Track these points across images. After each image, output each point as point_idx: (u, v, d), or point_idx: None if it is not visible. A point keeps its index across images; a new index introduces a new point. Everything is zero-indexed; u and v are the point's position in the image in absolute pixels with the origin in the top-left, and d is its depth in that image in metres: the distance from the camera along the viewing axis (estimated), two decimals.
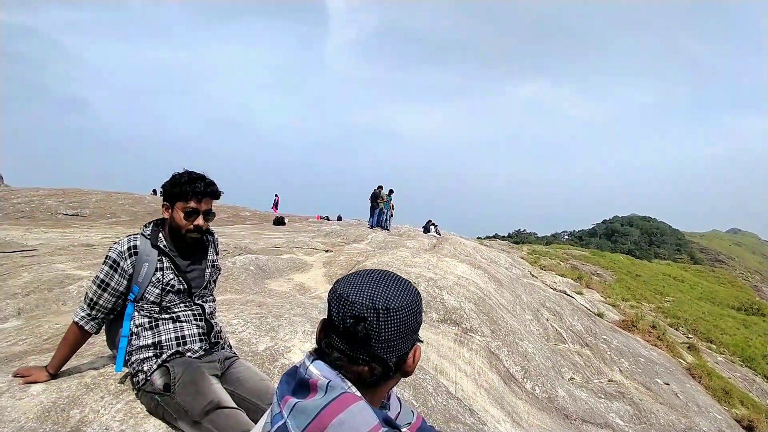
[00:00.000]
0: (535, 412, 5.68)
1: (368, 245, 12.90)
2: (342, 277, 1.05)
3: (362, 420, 0.90)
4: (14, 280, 4.63)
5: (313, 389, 0.96)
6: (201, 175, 2.26)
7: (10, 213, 14.92)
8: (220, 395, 2.02)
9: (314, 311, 4.57)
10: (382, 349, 0.97)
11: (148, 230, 2.28)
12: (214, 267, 2.43)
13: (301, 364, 1.04)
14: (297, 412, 0.93)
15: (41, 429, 1.94)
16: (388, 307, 0.96)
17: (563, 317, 10.69)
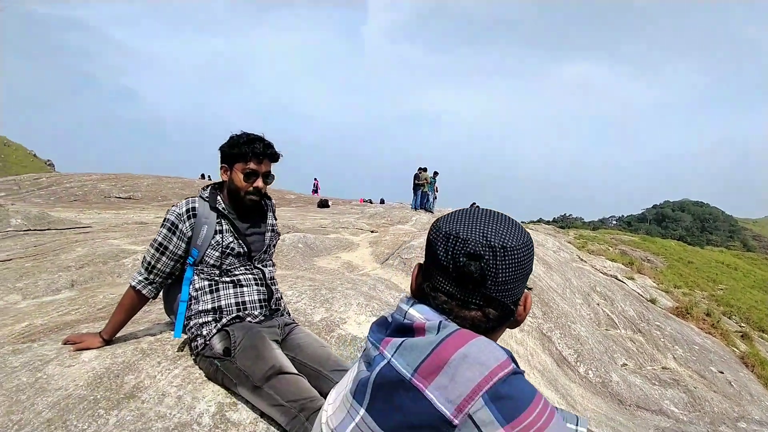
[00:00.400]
0: (590, 396, 5.53)
1: (413, 227, 12.80)
2: (443, 216, 0.94)
3: (490, 354, 0.80)
4: (67, 255, 4.75)
5: (419, 332, 0.87)
6: (260, 136, 2.20)
7: (62, 197, 15.48)
8: (281, 361, 1.97)
9: (364, 287, 4.53)
10: (497, 292, 0.87)
11: (206, 193, 2.24)
12: (274, 231, 2.39)
13: (395, 310, 0.95)
14: (405, 349, 0.84)
15: (91, 396, 1.91)
16: (505, 245, 0.85)
17: (615, 302, 10.37)
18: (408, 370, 0.82)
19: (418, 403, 0.79)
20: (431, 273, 0.92)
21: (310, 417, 1.80)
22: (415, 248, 7.80)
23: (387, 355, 0.86)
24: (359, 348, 2.87)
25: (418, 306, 0.91)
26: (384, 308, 3.60)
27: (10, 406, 1.79)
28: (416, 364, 0.81)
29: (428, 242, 0.93)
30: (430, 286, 0.92)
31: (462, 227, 0.88)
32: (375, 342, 0.92)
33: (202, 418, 1.91)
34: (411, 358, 0.82)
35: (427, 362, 0.80)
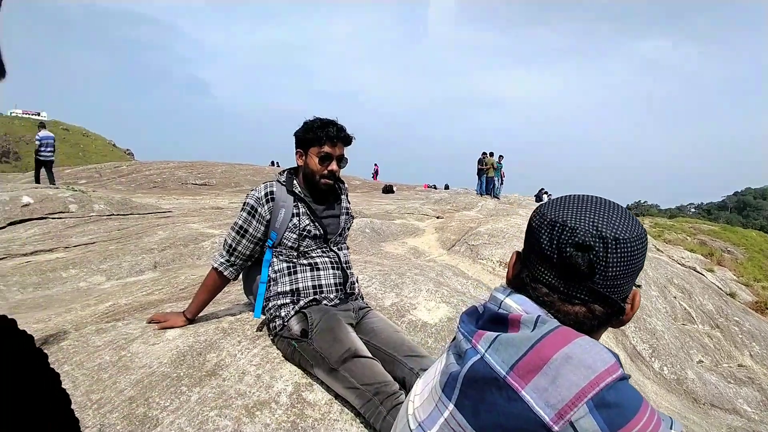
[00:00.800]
0: (664, 393, 5.28)
1: (479, 212, 12.60)
2: (548, 201, 0.86)
3: (597, 356, 0.72)
4: (150, 238, 4.98)
5: (514, 325, 0.79)
6: (332, 120, 2.22)
7: (143, 183, 16.34)
8: (356, 344, 1.97)
9: (432, 273, 4.49)
10: (606, 287, 0.78)
11: (283, 177, 2.29)
12: (348, 214, 2.40)
13: (488, 299, 0.89)
14: (501, 345, 0.77)
15: (174, 373, 1.96)
16: (617, 236, 0.77)
17: (693, 295, 9.80)
18: (503, 368, 0.75)
19: (512, 403, 0.72)
20: (532, 262, 0.84)
21: (384, 401, 1.79)
22: (482, 234, 7.67)
23: (480, 349, 0.79)
24: (429, 334, 2.83)
25: (516, 296, 0.84)
26: (453, 295, 3.54)
27: (90, 386, 1.85)
28: (512, 362, 0.74)
29: (530, 229, 0.86)
30: (529, 276, 0.84)
31: (570, 215, 0.80)
32: (467, 334, 0.85)
33: (279, 397, 1.93)
34: (507, 355, 0.75)
35: (524, 360, 0.73)
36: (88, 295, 3.16)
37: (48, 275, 3.65)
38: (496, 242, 7.22)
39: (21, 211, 5.75)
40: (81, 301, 2.91)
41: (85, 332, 2.26)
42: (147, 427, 1.68)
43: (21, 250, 4.30)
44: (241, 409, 1.82)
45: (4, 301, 3.06)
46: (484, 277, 6.02)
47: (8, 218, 5.56)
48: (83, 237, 5.06)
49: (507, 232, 8.01)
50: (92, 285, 3.57)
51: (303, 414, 1.89)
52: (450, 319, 3.05)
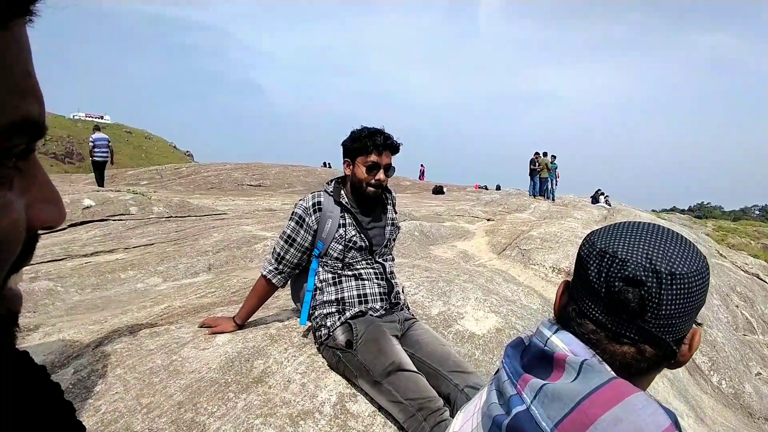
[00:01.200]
0: (720, 409, 5.02)
1: (531, 215, 12.33)
2: (599, 229, 0.80)
3: (649, 420, 0.64)
4: (205, 240, 5.12)
5: (559, 367, 0.74)
6: (379, 129, 2.22)
7: (201, 185, 16.90)
8: (401, 357, 1.95)
9: (481, 279, 4.40)
10: (658, 326, 0.72)
11: (330, 187, 2.30)
12: (394, 225, 2.38)
13: (535, 333, 0.84)
14: (546, 397, 0.71)
15: (222, 379, 1.99)
16: (673, 271, 0.70)
17: (755, 304, 9.25)
18: (548, 424, 0.68)
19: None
20: (580, 295, 0.78)
21: (428, 417, 1.77)
22: (534, 239, 7.49)
23: (526, 399, 0.73)
24: (476, 345, 2.77)
25: (563, 334, 0.78)
26: (503, 304, 3.46)
27: (141, 389, 1.91)
28: (558, 419, 0.68)
29: (579, 259, 0.79)
30: (576, 310, 0.78)
31: (621, 245, 0.74)
32: (512, 375, 0.78)
33: (323, 407, 1.93)
34: (553, 410, 0.69)
35: (570, 418, 0.67)
36: (144, 296, 3.28)
37: (107, 276, 3.81)
38: (549, 247, 7.03)
39: (82, 213, 6.04)
40: (137, 302, 3.02)
41: (139, 335, 2.34)
42: None
43: (81, 251, 4.50)
44: (285, 418, 1.83)
45: (61, 303, 3.21)
46: (536, 283, 5.87)
47: (68, 220, 5.84)
48: (142, 238, 5.26)
49: (561, 236, 7.78)
50: (149, 286, 3.70)
51: (346, 425, 1.89)
52: (498, 330, 2.98)
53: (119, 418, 1.75)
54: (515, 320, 3.20)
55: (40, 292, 3.27)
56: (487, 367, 2.59)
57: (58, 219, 0.41)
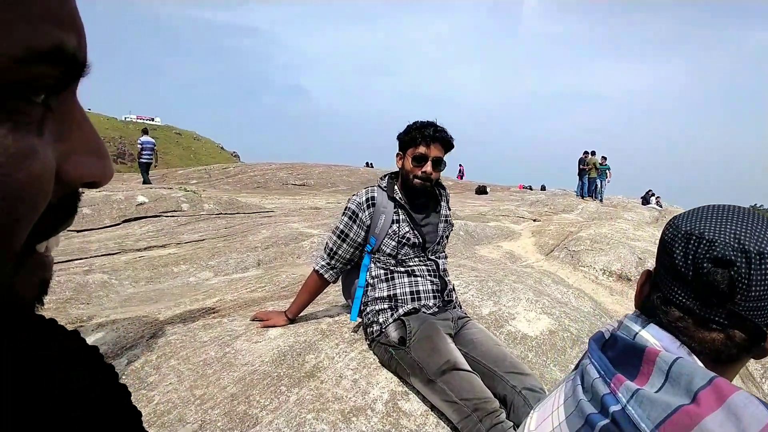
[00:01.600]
0: None
1: (579, 216, 12.01)
2: (683, 213, 0.76)
3: (752, 417, 0.59)
4: (254, 236, 5.20)
5: (648, 363, 0.69)
6: (431, 122, 2.17)
7: (248, 184, 17.25)
8: (456, 356, 1.89)
9: (530, 280, 4.28)
10: (748, 309, 0.67)
11: (384, 182, 2.27)
12: (447, 222, 2.33)
13: (619, 327, 0.78)
14: (643, 400, 0.66)
15: (275, 372, 1.98)
16: (762, 250, 0.66)
17: None
18: (648, 425, 0.64)
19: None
20: (664, 281, 0.74)
21: (484, 419, 1.70)
22: (583, 240, 7.26)
23: (621, 398, 0.69)
24: (529, 347, 2.68)
25: (652, 328, 0.74)
26: (555, 306, 3.35)
27: (195, 381, 1.92)
28: (659, 420, 0.63)
29: (662, 243, 0.75)
30: (661, 297, 0.74)
31: (708, 226, 0.70)
32: (604, 372, 0.74)
33: (375, 404, 1.90)
34: (652, 412, 0.65)
35: (672, 420, 0.62)
36: (196, 290, 3.33)
37: (160, 270, 3.90)
38: (600, 248, 6.80)
39: (136, 209, 6.24)
40: (190, 295, 3.07)
41: (192, 327, 2.37)
42: (246, 426, 1.70)
43: (134, 246, 4.64)
44: (337, 414, 1.81)
45: (116, 295, 3.30)
46: (586, 286, 5.69)
47: (123, 216, 6.05)
48: (194, 234, 5.38)
49: (612, 237, 7.52)
50: (201, 280, 3.76)
51: (398, 424, 1.84)
52: (552, 332, 2.88)
53: (172, 409, 1.76)
54: (568, 322, 3.09)
55: (94, 285, 3.37)
56: (541, 369, 2.50)
57: (102, 175, 0.34)
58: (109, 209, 6.19)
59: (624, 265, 6.20)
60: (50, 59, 0.29)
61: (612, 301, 5.35)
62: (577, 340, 2.87)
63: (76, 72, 0.32)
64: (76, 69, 0.31)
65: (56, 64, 0.29)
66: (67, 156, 0.32)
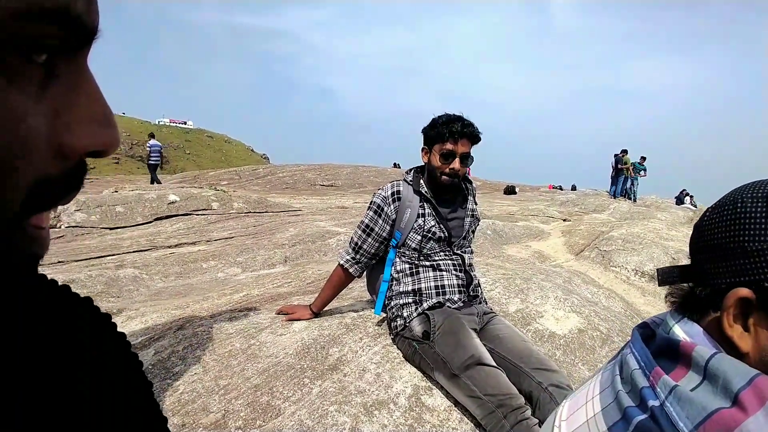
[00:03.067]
0: None
1: (611, 216, 11.76)
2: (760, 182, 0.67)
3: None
4: (281, 234, 5.25)
5: (684, 360, 0.65)
6: (459, 116, 2.12)
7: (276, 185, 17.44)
8: (481, 351, 1.86)
9: (559, 279, 4.20)
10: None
11: (409, 177, 2.25)
12: (474, 216, 2.29)
13: (660, 321, 0.75)
14: (681, 399, 0.62)
15: (298, 364, 1.99)
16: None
17: None
18: (687, 425, 0.60)
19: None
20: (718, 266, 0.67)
21: (508, 415, 1.67)
22: (615, 239, 7.10)
23: (660, 394, 0.64)
24: (557, 346, 2.63)
25: (686, 324, 0.69)
26: (585, 305, 3.28)
27: (220, 371, 1.93)
28: (698, 420, 0.59)
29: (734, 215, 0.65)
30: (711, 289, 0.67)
31: None
32: (645, 364, 0.69)
33: (398, 399, 1.88)
34: (692, 411, 0.60)
35: (711, 421, 0.58)
36: (224, 285, 3.37)
37: (189, 265, 3.97)
38: (632, 248, 6.64)
39: (168, 207, 6.37)
40: (218, 290, 3.11)
41: (219, 319, 2.39)
42: (269, 416, 1.71)
43: (165, 243, 4.74)
44: (359, 407, 1.80)
45: (146, 289, 3.36)
46: (617, 286, 5.56)
47: (154, 214, 6.19)
48: (223, 232, 5.47)
49: (645, 237, 7.34)
50: (229, 276, 3.81)
51: (421, 418, 1.83)
52: (581, 330, 2.81)
53: (197, 399, 1.78)
54: (598, 321, 3.02)
55: (125, 279, 3.45)
56: (569, 368, 2.44)
57: (107, 143, 0.33)
58: (141, 207, 6.34)
59: (657, 266, 6.02)
60: (54, 19, 0.28)
61: (644, 302, 5.22)
62: (606, 340, 2.80)
63: (84, 36, 0.31)
64: (83, 33, 0.30)
65: (60, 25, 0.28)
66: (70, 126, 0.31)
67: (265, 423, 1.69)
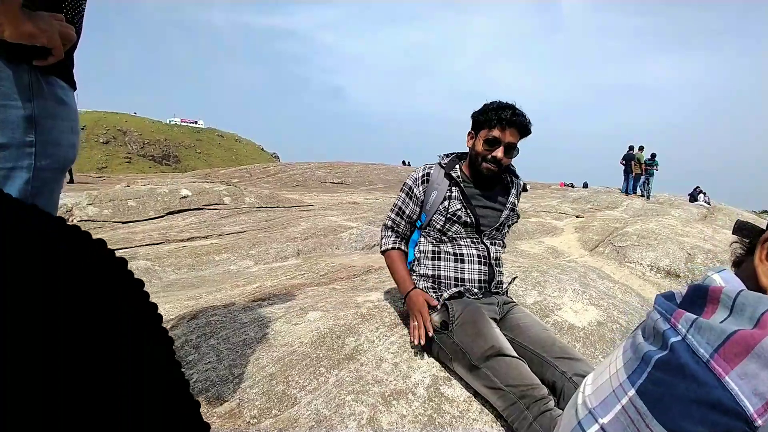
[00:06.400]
0: None
1: (624, 212, 11.65)
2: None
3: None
4: (294, 228, 5.23)
5: (714, 299, 0.65)
6: (510, 104, 2.03)
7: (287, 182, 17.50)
8: (501, 341, 1.80)
9: (574, 274, 4.13)
10: None
11: (445, 160, 2.20)
12: (513, 211, 2.21)
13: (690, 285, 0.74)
14: (702, 328, 0.63)
15: (314, 354, 1.95)
16: None
17: None
18: (707, 350, 0.60)
19: (711, 391, 0.59)
20: None
21: (531, 406, 1.60)
22: (629, 235, 7.01)
23: (681, 329, 0.65)
24: (577, 338, 2.57)
25: (725, 273, 0.69)
26: (603, 297, 3.21)
27: (234, 360, 1.90)
28: (717, 344, 0.60)
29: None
30: None
31: None
32: (665, 311, 0.70)
33: (417, 389, 1.84)
34: (711, 336, 0.61)
35: (731, 341, 0.59)
36: (237, 277, 3.35)
37: (202, 258, 3.95)
38: (647, 244, 6.54)
39: (180, 202, 6.37)
40: (231, 282, 3.08)
41: (232, 309, 2.36)
42: (285, 405, 1.67)
43: (178, 237, 4.73)
44: (377, 396, 1.76)
45: (158, 281, 3.35)
46: (632, 282, 5.48)
47: (167, 208, 6.20)
48: (235, 226, 5.45)
49: (659, 233, 7.23)
50: (242, 268, 3.79)
51: (440, 409, 1.78)
52: (600, 323, 2.75)
53: (210, 387, 1.74)
54: (617, 314, 2.95)
55: (137, 271, 3.43)
56: (590, 361, 2.39)
57: None
58: (153, 202, 6.35)
59: (673, 261, 5.95)
60: None
61: None
62: (626, 332, 2.74)
63: None
64: None
65: None
66: None
67: (280, 412, 1.65)
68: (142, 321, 0.38)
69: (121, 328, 0.35)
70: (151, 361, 0.37)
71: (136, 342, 0.36)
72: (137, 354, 0.36)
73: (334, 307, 2.36)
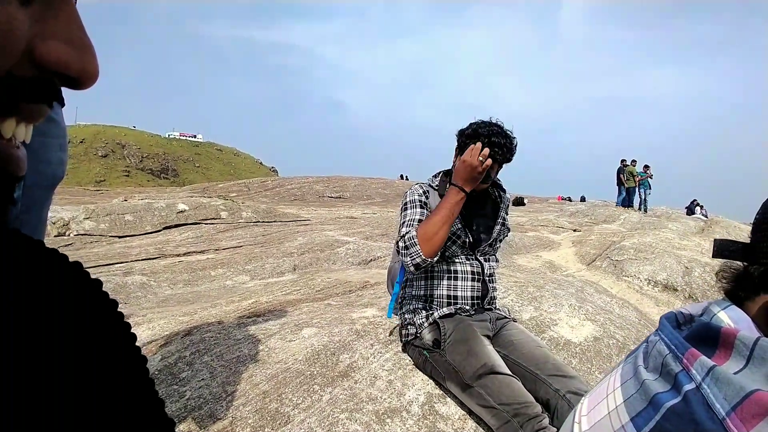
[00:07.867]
0: None
1: (621, 226, 11.64)
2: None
3: None
4: (290, 243, 5.23)
5: (727, 344, 0.60)
6: (502, 142, 1.96)
7: (285, 197, 17.51)
8: (494, 359, 1.79)
9: (571, 289, 4.13)
10: None
11: (436, 180, 2.16)
12: (504, 225, 2.20)
13: (687, 313, 0.71)
14: (720, 380, 0.58)
15: (308, 371, 1.94)
16: None
17: None
18: (723, 407, 0.56)
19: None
20: None
21: (525, 424, 1.59)
22: (627, 249, 7.01)
23: (695, 375, 0.60)
24: (573, 354, 2.56)
25: (732, 310, 0.65)
26: (599, 312, 3.21)
27: (227, 377, 1.89)
28: (735, 402, 0.55)
29: None
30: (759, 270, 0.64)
31: None
32: (676, 347, 0.65)
33: (411, 406, 1.83)
34: (729, 392, 0.56)
35: (749, 401, 0.54)
36: (233, 292, 3.34)
37: (197, 273, 3.94)
38: (644, 258, 6.54)
39: (177, 216, 6.38)
40: (226, 297, 3.08)
41: (227, 326, 2.35)
42: (278, 423, 1.66)
43: (174, 251, 4.73)
44: (371, 415, 1.75)
45: (153, 296, 3.34)
46: (630, 296, 5.47)
47: (163, 223, 6.20)
48: (232, 241, 5.45)
49: (657, 246, 7.23)
50: (237, 284, 3.78)
51: (435, 427, 1.77)
52: (596, 338, 2.75)
53: (203, 405, 1.73)
54: (614, 329, 2.95)
55: (133, 286, 3.42)
56: (586, 377, 2.37)
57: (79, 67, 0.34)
58: (150, 216, 6.35)
59: (670, 275, 5.95)
60: None
61: (658, 312, 5.12)
62: (623, 348, 2.74)
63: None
64: None
65: None
66: (44, 37, 0.32)
67: (273, 430, 1.63)
68: (115, 341, 0.39)
69: (91, 348, 0.36)
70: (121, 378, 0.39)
71: (107, 360, 0.37)
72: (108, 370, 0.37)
73: (329, 323, 2.36)
